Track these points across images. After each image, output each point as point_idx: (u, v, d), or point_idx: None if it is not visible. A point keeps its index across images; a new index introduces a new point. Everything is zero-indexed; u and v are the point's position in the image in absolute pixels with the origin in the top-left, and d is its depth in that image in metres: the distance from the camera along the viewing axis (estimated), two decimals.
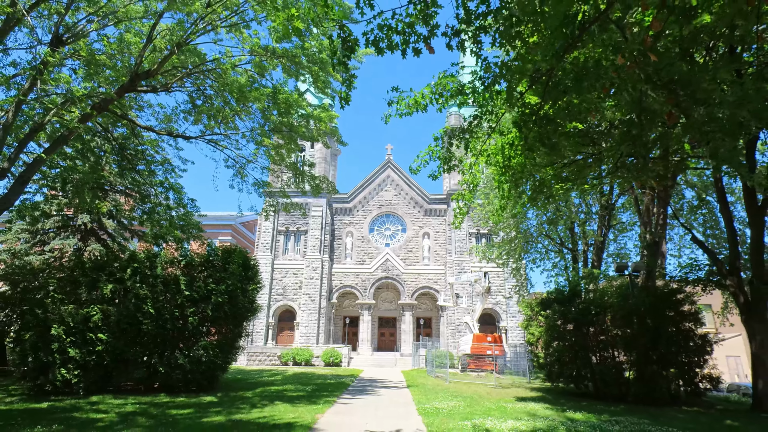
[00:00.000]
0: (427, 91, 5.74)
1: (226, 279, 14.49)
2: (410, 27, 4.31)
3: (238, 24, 15.28)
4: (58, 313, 12.96)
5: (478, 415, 10.44)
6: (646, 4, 3.58)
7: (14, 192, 13.75)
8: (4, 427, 8.09)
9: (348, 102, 5.10)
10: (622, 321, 14.88)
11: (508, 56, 5.46)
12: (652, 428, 9.07)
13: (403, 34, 4.31)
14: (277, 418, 9.43)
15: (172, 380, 13.67)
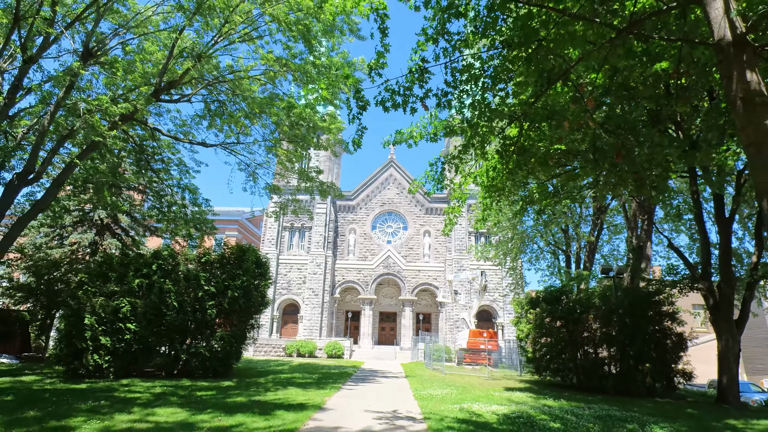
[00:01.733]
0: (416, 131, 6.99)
1: (241, 275, 15.84)
2: (409, 90, 5.55)
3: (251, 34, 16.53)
4: (90, 304, 14.33)
5: (467, 400, 11.79)
6: (591, 100, 4.76)
7: (51, 194, 15.13)
8: (58, 402, 9.47)
9: (359, 146, 6.36)
10: (604, 320, 16.19)
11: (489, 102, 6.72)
12: (618, 413, 10.39)
13: (403, 95, 5.54)
14: (291, 400, 10.79)
15: (191, 367, 15.05)
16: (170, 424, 7.64)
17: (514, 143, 7.48)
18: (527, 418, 9.28)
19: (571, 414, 10.01)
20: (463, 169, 8.25)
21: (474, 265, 40.25)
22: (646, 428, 8.78)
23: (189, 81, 17.08)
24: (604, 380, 15.69)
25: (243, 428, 7.48)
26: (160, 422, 7.80)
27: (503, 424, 8.63)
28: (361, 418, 8.85)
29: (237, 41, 16.61)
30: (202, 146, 17.57)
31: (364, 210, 45.98)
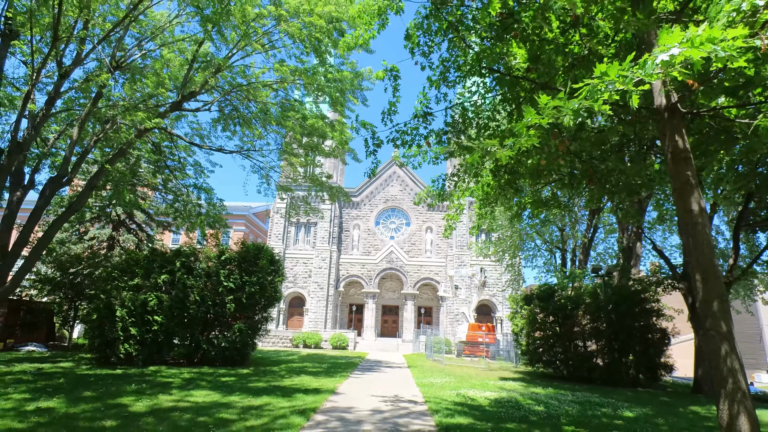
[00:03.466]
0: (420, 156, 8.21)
1: (257, 272, 17.14)
2: (415, 129, 6.75)
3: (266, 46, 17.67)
4: (120, 298, 15.67)
5: (464, 388, 13.12)
6: (562, 144, 5.90)
7: (84, 196, 16.42)
8: (105, 385, 10.82)
9: (374, 175, 7.56)
10: (592, 315, 17.47)
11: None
12: (597, 399, 11.70)
13: (411, 135, 6.75)
14: (306, 385, 12.14)
15: (211, 356, 16.41)
16: (208, 404, 8.96)
17: (505, 166, 8.68)
18: (515, 402, 10.60)
19: (554, 399, 11.33)
20: (460, 185, 9.47)
21: (474, 261, 41.54)
22: (618, 411, 10.08)
23: (208, 90, 18.28)
24: (592, 371, 17.00)
25: (271, 407, 8.80)
26: (199, 402, 9.12)
27: (493, 406, 9.95)
28: (369, 401, 10.18)
29: (252, 53, 17.80)
30: (219, 152, 18.76)
31: (368, 206, 47.22)
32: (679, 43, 2.39)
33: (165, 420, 7.39)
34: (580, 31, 5.21)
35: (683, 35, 2.39)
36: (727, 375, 4.45)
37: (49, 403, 8.29)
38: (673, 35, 2.41)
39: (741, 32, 2.35)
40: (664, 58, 2.41)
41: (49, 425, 6.74)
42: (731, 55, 2.36)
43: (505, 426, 7.94)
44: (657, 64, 2.45)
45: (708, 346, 4.68)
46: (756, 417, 4.37)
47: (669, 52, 2.40)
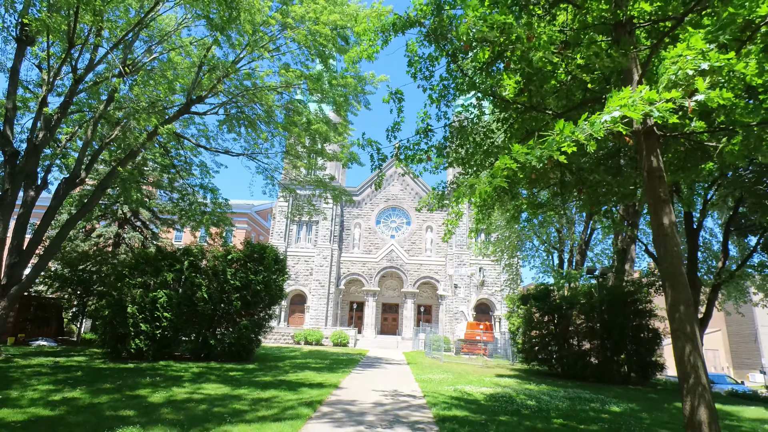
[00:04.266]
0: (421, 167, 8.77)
1: (262, 271, 17.73)
2: (417, 145, 7.30)
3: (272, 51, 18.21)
4: (130, 295, 16.27)
5: (461, 383, 13.72)
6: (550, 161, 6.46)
7: (96, 196, 17.02)
8: (121, 378, 11.42)
9: (379, 186, 8.16)
10: (586, 315, 18.06)
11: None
12: (587, 395, 12.30)
13: (413, 150, 7.31)
14: (311, 380, 12.74)
15: (217, 351, 17.01)
16: (220, 395, 9.56)
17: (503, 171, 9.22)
18: (509, 397, 11.20)
19: (546, 395, 11.92)
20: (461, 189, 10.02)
21: (473, 260, 42.12)
22: (606, 406, 10.67)
23: (215, 93, 18.82)
24: (585, 369, 17.60)
25: (279, 399, 9.40)
26: (211, 394, 9.72)
27: (488, 401, 10.54)
28: (371, 395, 10.78)
29: (259, 59, 18.33)
30: (227, 155, 19.31)
31: (369, 205, 47.78)
32: (621, 107, 2.94)
33: (182, 410, 7.99)
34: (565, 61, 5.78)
35: (626, 98, 2.93)
36: (690, 371, 5.03)
37: (73, 393, 8.89)
38: (618, 98, 2.95)
39: (675, 95, 2.87)
40: (607, 118, 2.96)
41: (78, 413, 7.33)
42: (663, 115, 2.90)
43: (497, 418, 8.52)
44: (603, 122, 3.01)
45: (674, 344, 5.26)
46: (714, 408, 4.95)
47: (611, 113, 2.96)
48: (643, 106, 2.91)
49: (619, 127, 3.03)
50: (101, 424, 6.74)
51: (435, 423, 7.96)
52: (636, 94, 2.97)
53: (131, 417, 7.25)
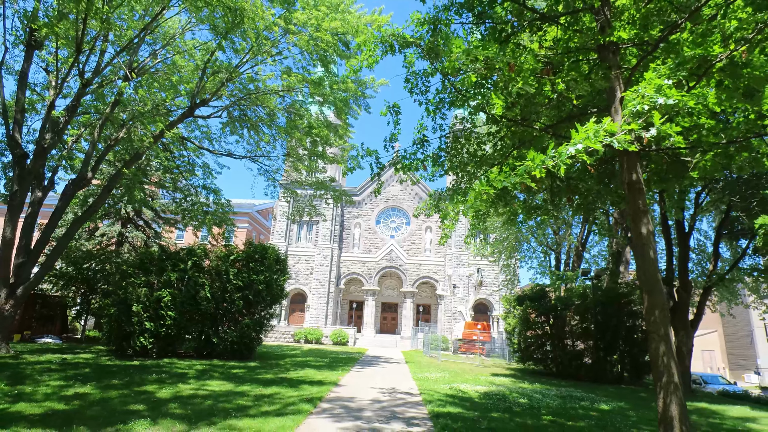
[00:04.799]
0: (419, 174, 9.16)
1: (264, 271, 18.12)
2: (414, 155, 7.69)
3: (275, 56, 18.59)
4: (136, 294, 16.66)
5: (457, 382, 14.13)
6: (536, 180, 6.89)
7: (102, 198, 17.42)
8: (128, 374, 11.83)
9: (378, 193, 8.55)
10: (581, 316, 18.47)
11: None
12: (578, 394, 12.70)
13: (410, 159, 7.70)
14: (311, 378, 13.15)
15: (219, 349, 17.40)
16: (224, 392, 9.96)
17: None
18: (502, 395, 11.61)
19: (539, 394, 12.33)
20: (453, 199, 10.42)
21: (472, 261, 42.53)
22: (595, 404, 11.08)
23: (218, 96, 19.21)
24: (579, 369, 18.01)
25: (281, 395, 9.81)
26: (215, 390, 10.12)
27: (482, 398, 10.95)
28: (370, 392, 11.19)
29: (261, 63, 18.71)
30: (230, 157, 19.70)
31: (369, 205, 48.17)
32: (584, 139, 3.33)
33: (188, 405, 8.39)
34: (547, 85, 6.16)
35: (590, 129, 3.32)
36: (663, 370, 5.43)
37: (84, 389, 9.30)
38: (583, 131, 3.34)
39: (633, 127, 3.24)
40: (572, 150, 3.35)
41: (90, 407, 7.74)
42: (623, 146, 3.30)
43: (490, 415, 8.93)
44: (568, 154, 3.40)
45: (649, 345, 5.66)
46: (684, 404, 5.36)
47: (575, 146, 3.35)
48: (603, 138, 3.30)
49: (583, 156, 3.42)
50: (114, 417, 7.14)
51: (429, 419, 8.37)
52: (600, 126, 3.35)
53: (141, 411, 7.65)
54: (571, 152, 3.36)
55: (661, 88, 3.43)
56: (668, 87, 3.43)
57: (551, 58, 5.85)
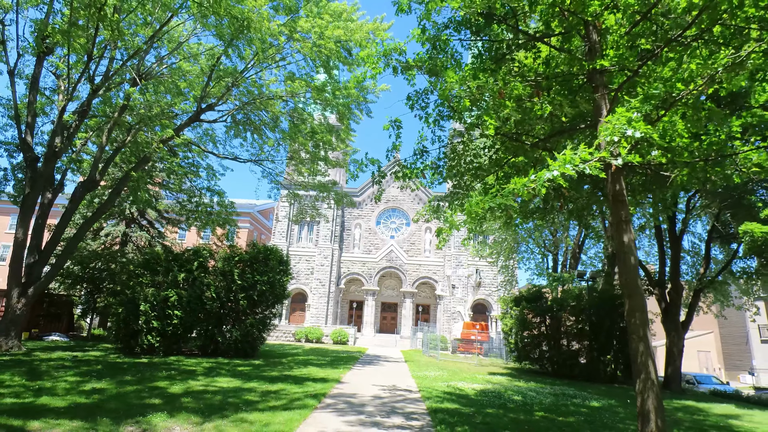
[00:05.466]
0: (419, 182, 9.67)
1: (268, 272, 18.62)
2: (413, 164, 8.19)
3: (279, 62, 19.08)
4: (143, 294, 17.16)
5: (455, 380, 14.63)
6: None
7: (111, 200, 17.92)
8: (139, 371, 12.32)
9: (378, 200, 9.05)
10: (576, 317, 18.97)
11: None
12: (571, 392, 13.21)
13: (409, 169, 8.20)
14: (314, 375, 13.65)
15: (224, 347, 17.91)
16: (232, 388, 10.46)
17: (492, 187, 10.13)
18: (498, 393, 12.11)
19: (533, 392, 12.84)
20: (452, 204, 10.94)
21: (471, 261, 43.02)
22: (586, 402, 11.59)
23: (224, 101, 19.70)
24: (574, 368, 18.52)
25: (287, 391, 10.30)
26: (224, 386, 10.62)
27: (478, 396, 11.46)
28: (371, 389, 11.69)
29: (266, 69, 19.20)
30: (235, 161, 20.18)
31: (369, 206, 48.66)
32: (559, 166, 3.82)
33: (200, 400, 8.89)
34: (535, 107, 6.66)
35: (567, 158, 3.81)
36: (641, 368, 5.94)
37: (100, 384, 9.79)
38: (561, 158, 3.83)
39: (604, 154, 3.73)
40: (549, 176, 3.84)
41: (110, 401, 8.24)
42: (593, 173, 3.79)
43: (485, 411, 9.43)
44: (546, 179, 3.89)
45: (630, 345, 6.16)
46: (661, 399, 5.86)
47: (552, 172, 3.84)
48: (577, 165, 3.78)
49: (560, 180, 3.90)
50: (132, 410, 7.63)
51: (428, 414, 8.87)
52: (575, 154, 3.84)
53: (157, 405, 8.14)
54: (548, 177, 3.85)
55: (631, 121, 3.92)
56: (636, 120, 3.92)
57: (540, 82, 6.35)
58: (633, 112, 4.02)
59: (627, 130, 3.88)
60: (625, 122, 3.93)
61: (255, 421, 7.25)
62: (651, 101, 4.22)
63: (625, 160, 3.96)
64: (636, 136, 3.89)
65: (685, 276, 23.23)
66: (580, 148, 3.97)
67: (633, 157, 3.99)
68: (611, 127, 3.92)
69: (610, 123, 3.96)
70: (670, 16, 5.04)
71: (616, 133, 3.90)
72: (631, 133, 3.87)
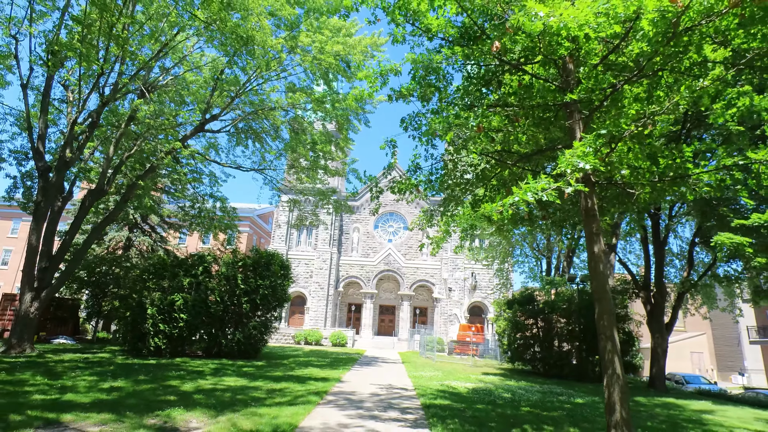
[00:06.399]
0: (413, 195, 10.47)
1: (270, 276, 19.35)
2: (408, 180, 8.97)
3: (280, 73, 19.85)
4: (150, 298, 17.86)
5: (449, 380, 15.38)
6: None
7: (119, 208, 18.63)
8: (150, 372, 13.02)
9: (377, 212, 9.76)
10: (566, 319, 19.75)
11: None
12: (559, 390, 13.98)
13: (405, 184, 8.99)
14: (315, 375, 14.38)
15: (228, 349, 18.60)
16: (240, 386, 11.18)
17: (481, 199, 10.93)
18: (488, 390, 12.87)
19: (523, 390, 13.59)
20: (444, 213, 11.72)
21: (467, 265, 43.83)
22: (571, 399, 12.35)
23: (227, 111, 20.47)
24: (564, 368, 19.28)
25: (290, 389, 11.04)
26: (232, 385, 11.34)
27: (470, 393, 12.21)
28: (369, 388, 12.42)
29: (267, 81, 19.99)
30: (238, 169, 20.93)
31: (367, 210, 49.42)
32: (521, 194, 4.58)
33: (211, 396, 9.61)
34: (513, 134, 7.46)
35: (528, 187, 4.58)
36: (609, 363, 6.70)
37: (117, 383, 10.50)
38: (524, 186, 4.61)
39: (560, 184, 4.51)
40: (512, 201, 4.61)
41: (129, 397, 8.96)
42: (550, 199, 4.56)
43: (474, 406, 10.19)
44: (510, 204, 4.66)
45: (599, 344, 6.93)
46: (626, 391, 6.62)
47: (514, 198, 4.60)
48: (536, 193, 4.55)
49: (522, 204, 4.66)
50: (151, 405, 8.35)
51: (421, 408, 9.62)
52: (536, 182, 4.61)
53: (173, 401, 8.86)
54: (511, 202, 4.62)
55: (585, 155, 4.68)
56: (587, 154, 4.68)
57: (518, 113, 7.13)
58: (586, 146, 4.78)
59: (579, 162, 4.65)
60: (580, 155, 4.69)
61: (264, 414, 7.99)
62: (600, 138, 4.98)
63: (575, 188, 4.73)
64: (586, 168, 4.66)
65: (675, 279, 24.07)
66: (540, 177, 4.73)
67: (581, 186, 4.77)
68: (566, 159, 4.69)
69: (566, 156, 4.73)
70: (631, 58, 5.81)
71: (570, 165, 4.67)
72: (582, 165, 4.63)
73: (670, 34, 4.86)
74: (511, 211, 4.64)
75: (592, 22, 4.49)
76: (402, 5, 6.94)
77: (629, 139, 5.75)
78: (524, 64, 7.59)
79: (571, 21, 4.55)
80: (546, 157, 8.50)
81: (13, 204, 21.23)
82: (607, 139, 5.10)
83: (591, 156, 4.66)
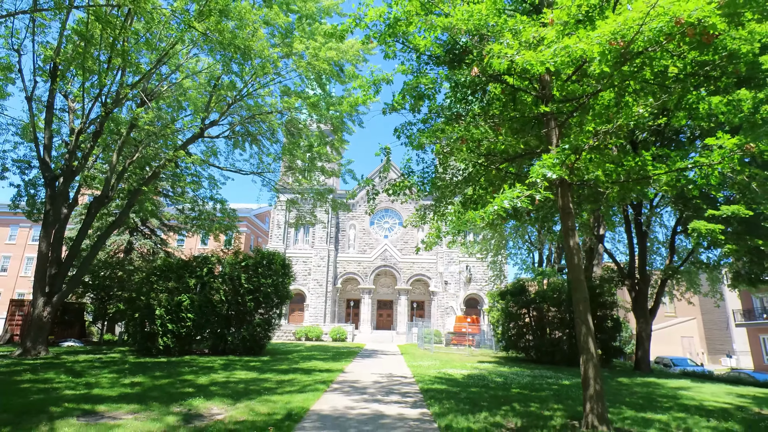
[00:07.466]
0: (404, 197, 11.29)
1: (272, 275, 20.13)
2: (402, 182, 9.78)
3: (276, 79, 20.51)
4: (157, 299, 18.59)
5: (446, 368, 16.27)
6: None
7: (124, 213, 19.28)
8: (164, 368, 13.79)
9: (372, 212, 10.44)
10: (557, 308, 20.70)
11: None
12: (548, 374, 14.92)
13: (400, 187, 9.77)
14: (320, 367, 15.21)
15: (233, 346, 19.39)
16: (251, 378, 11.99)
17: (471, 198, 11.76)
18: (482, 376, 13.77)
19: (514, 374, 14.52)
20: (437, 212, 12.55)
21: (462, 258, 44.80)
22: (559, 381, 13.27)
23: (225, 117, 21.12)
24: (555, 355, 20.25)
25: (298, 380, 11.86)
26: (243, 378, 12.14)
27: (465, 379, 13.10)
28: (371, 377, 13.28)
29: (262, 87, 20.64)
30: (238, 173, 21.62)
31: (363, 207, 50.18)
32: (499, 202, 5.38)
33: (226, 387, 10.41)
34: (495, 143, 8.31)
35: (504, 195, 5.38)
36: (584, 344, 7.57)
37: (136, 379, 11.28)
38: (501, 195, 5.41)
39: (532, 192, 5.32)
40: (492, 209, 5.42)
41: (152, 390, 9.74)
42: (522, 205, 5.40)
43: (469, 389, 11.07)
44: (491, 212, 5.47)
45: (576, 328, 7.80)
46: (599, 369, 7.50)
47: (494, 207, 5.42)
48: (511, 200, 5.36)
49: (501, 212, 5.47)
50: (173, 397, 9.14)
51: (420, 393, 10.48)
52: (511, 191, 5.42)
53: (192, 392, 9.66)
54: (491, 210, 5.43)
55: (553, 165, 5.49)
56: (554, 164, 5.50)
57: (498, 123, 7.93)
58: (554, 158, 5.59)
59: (547, 172, 5.46)
60: (549, 165, 5.50)
61: (278, 401, 8.81)
62: (566, 151, 5.80)
63: (544, 195, 5.55)
64: (552, 177, 5.48)
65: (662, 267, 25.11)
66: (515, 186, 5.55)
67: (548, 193, 5.60)
68: (536, 170, 5.50)
69: (536, 167, 5.55)
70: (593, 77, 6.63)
71: (539, 175, 5.48)
72: (550, 175, 5.45)
73: (621, 60, 5.67)
74: (493, 217, 5.45)
75: (550, 60, 5.28)
76: (391, 33, 7.71)
77: (588, 151, 6.59)
78: (505, 74, 8.40)
79: (533, 59, 5.35)
80: (528, 160, 9.33)
81: (11, 211, 21.81)
82: (572, 151, 5.90)
83: (558, 167, 5.48)
